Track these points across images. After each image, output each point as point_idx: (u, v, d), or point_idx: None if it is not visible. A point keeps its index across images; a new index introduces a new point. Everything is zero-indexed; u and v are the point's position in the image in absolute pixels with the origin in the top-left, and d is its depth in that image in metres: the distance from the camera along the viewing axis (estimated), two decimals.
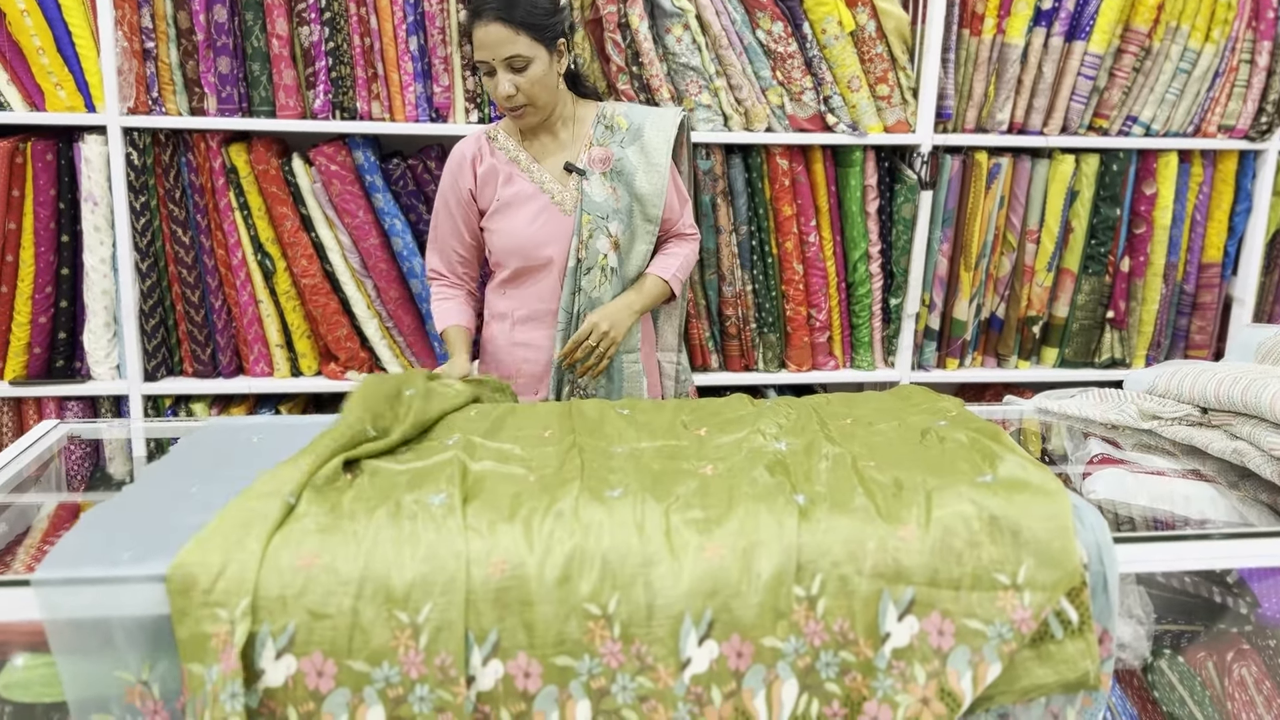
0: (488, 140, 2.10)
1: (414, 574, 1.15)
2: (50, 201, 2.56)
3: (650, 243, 2.15)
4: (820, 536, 1.21)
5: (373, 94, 2.63)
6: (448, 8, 2.60)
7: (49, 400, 2.71)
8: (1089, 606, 1.22)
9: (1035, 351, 3.09)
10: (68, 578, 1.11)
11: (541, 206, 2.06)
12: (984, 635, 1.19)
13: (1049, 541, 1.22)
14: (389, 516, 1.22)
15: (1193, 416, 1.70)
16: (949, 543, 1.22)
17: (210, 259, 2.67)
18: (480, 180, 2.08)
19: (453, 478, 1.32)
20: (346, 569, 1.15)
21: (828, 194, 2.82)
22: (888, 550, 1.21)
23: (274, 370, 2.77)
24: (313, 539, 1.18)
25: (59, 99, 2.53)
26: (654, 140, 2.12)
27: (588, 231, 2.06)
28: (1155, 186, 2.95)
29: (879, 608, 1.19)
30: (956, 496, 1.26)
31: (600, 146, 2.11)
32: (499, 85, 1.94)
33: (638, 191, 2.10)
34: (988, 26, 2.77)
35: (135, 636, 1.12)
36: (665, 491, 1.29)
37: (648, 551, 1.19)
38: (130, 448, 1.91)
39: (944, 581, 1.21)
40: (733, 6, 2.66)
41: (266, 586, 1.13)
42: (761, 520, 1.23)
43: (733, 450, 1.45)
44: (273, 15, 2.53)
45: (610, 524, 1.21)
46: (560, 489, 1.29)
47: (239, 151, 2.60)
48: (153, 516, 1.30)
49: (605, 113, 2.14)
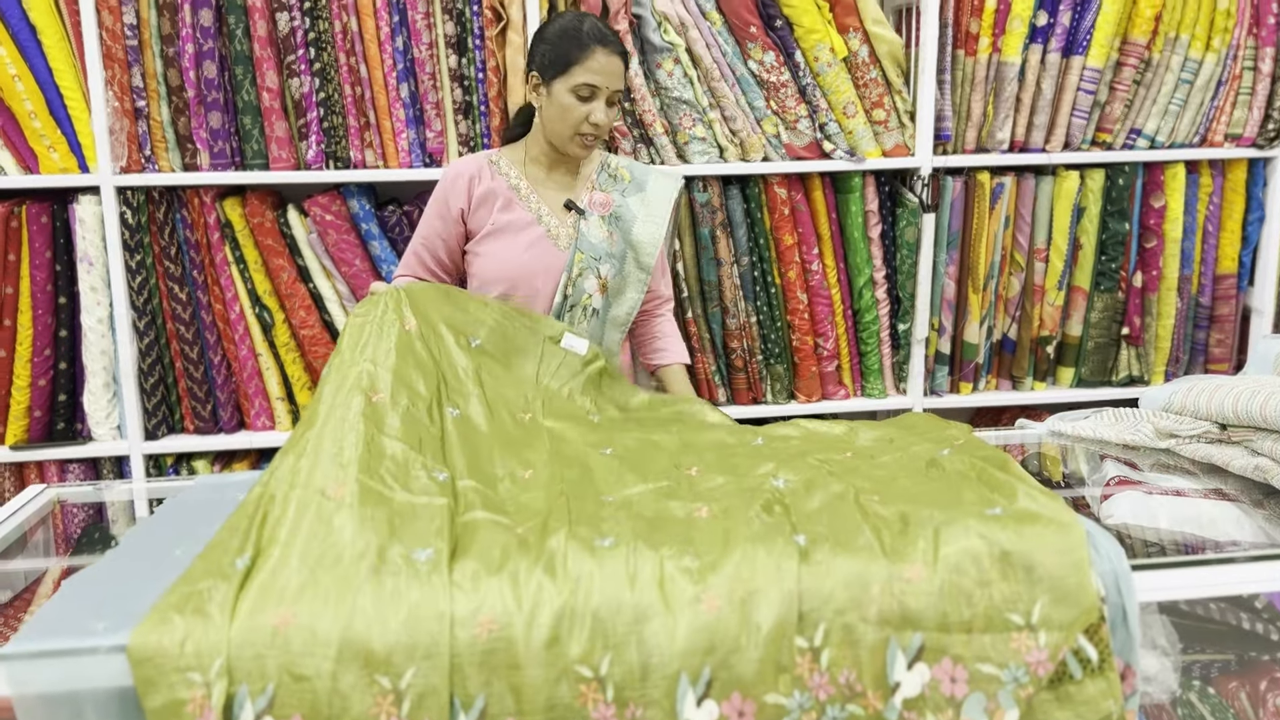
0: (489, 164, 2.08)
1: (396, 637, 1.10)
2: (47, 264, 2.56)
3: (641, 292, 2.14)
4: (822, 581, 1.16)
5: (365, 142, 2.62)
6: (437, 54, 2.59)
7: (50, 464, 2.69)
8: (1109, 643, 1.15)
9: (1051, 372, 3.02)
10: (34, 650, 1.07)
11: (536, 237, 2.04)
12: (999, 680, 1.13)
13: (1064, 577, 1.16)
14: (371, 571, 1.17)
15: (1212, 433, 1.64)
16: (958, 582, 1.16)
17: (208, 314, 2.65)
18: (475, 201, 2.05)
19: (441, 530, 1.26)
20: (325, 629, 1.10)
21: (829, 221, 2.78)
22: (893, 594, 1.15)
23: (275, 424, 2.74)
24: (290, 595, 1.13)
25: (52, 161, 2.53)
26: (656, 194, 2.14)
27: (578, 270, 2.03)
28: (1164, 199, 2.90)
29: (886, 656, 1.13)
30: (965, 531, 1.20)
31: (602, 192, 2.11)
32: (596, 112, 1.95)
33: (634, 238, 2.10)
34: (983, 46, 2.74)
35: (108, 710, 1.08)
36: (658, 538, 1.24)
37: (640, 606, 1.13)
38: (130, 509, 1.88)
39: (954, 624, 1.15)
40: (723, 39, 2.64)
41: (242, 645, 1.08)
42: (759, 565, 1.17)
43: (728, 489, 1.39)
44: (263, 69, 2.53)
45: (601, 576, 1.16)
46: (548, 539, 1.24)
47: (233, 205, 2.59)
48: (133, 583, 1.26)
49: (609, 163, 2.15)
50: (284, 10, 2.50)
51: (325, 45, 2.55)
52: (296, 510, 1.26)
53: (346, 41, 2.55)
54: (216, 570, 1.17)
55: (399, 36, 2.56)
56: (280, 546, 1.21)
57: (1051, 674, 1.14)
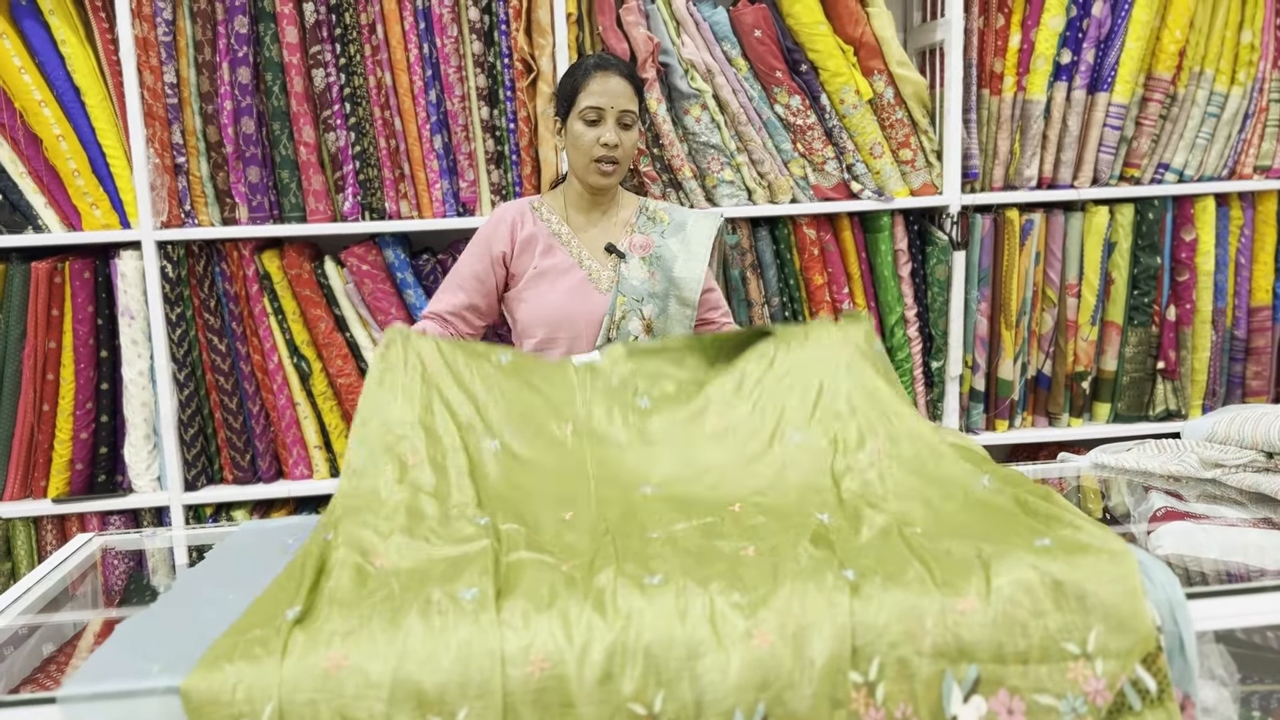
0: (531, 210, 2.11)
1: (448, 676, 1.10)
2: (89, 319, 2.60)
3: (688, 327, 2.14)
4: (874, 614, 1.15)
5: (400, 193, 2.67)
6: (469, 105, 2.64)
7: (92, 516, 2.71)
8: (1167, 673, 1.14)
9: (1087, 408, 3.00)
10: (92, 693, 1.08)
11: (578, 281, 2.06)
12: (1056, 711, 1.12)
13: (1117, 604, 1.14)
14: (419, 615, 1.18)
15: (1258, 462, 1.62)
16: (1012, 613, 1.15)
17: (246, 365, 2.68)
18: (519, 246, 2.08)
19: (486, 570, 1.27)
20: (377, 671, 1.10)
21: (858, 260, 2.79)
22: (947, 626, 1.14)
23: (313, 472, 2.76)
24: (339, 640, 1.13)
25: (95, 218, 2.59)
26: (696, 234, 2.16)
27: (621, 313, 2.05)
28: (1194, 232, 2.89)
29: (942, 688, 1.12)
30: (1016, 563, 1.19)
31: (642, 234, 2.13)
32: (605, 134, 1.98)
33: (675, 276, 2.11)
34: (1007, 85, 2.76)
35: None
36: (706, 574, 1.23)
37: (692, 642, 1.13)
38: (170, 557, 1.89)
39: (1010, 655, 1.13)
40: (749, 84, 2.68)
41: (294, 690, 1.08)
42: (810, 599, 1.16)
43: (771, 527, 1.39)
44: (299, 124, 2.58)
45: (651, 613, 1.15)
46: (595, 576, 1.24)
47: (271, 258, 2.63)
48: (185, 626, 1.27)
49: (648, 206, 2.18)
50: (320, 67, 2.56)
51: (360, 100, 2.60)
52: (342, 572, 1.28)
53: (381, 96, 2.61)
54: (268, 619, 1.18)
55: (432, 90, 2.61)
56: (327, 602, 1.23)
57: (1110, 704, 1.12)
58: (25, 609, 1.48)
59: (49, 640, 1.46)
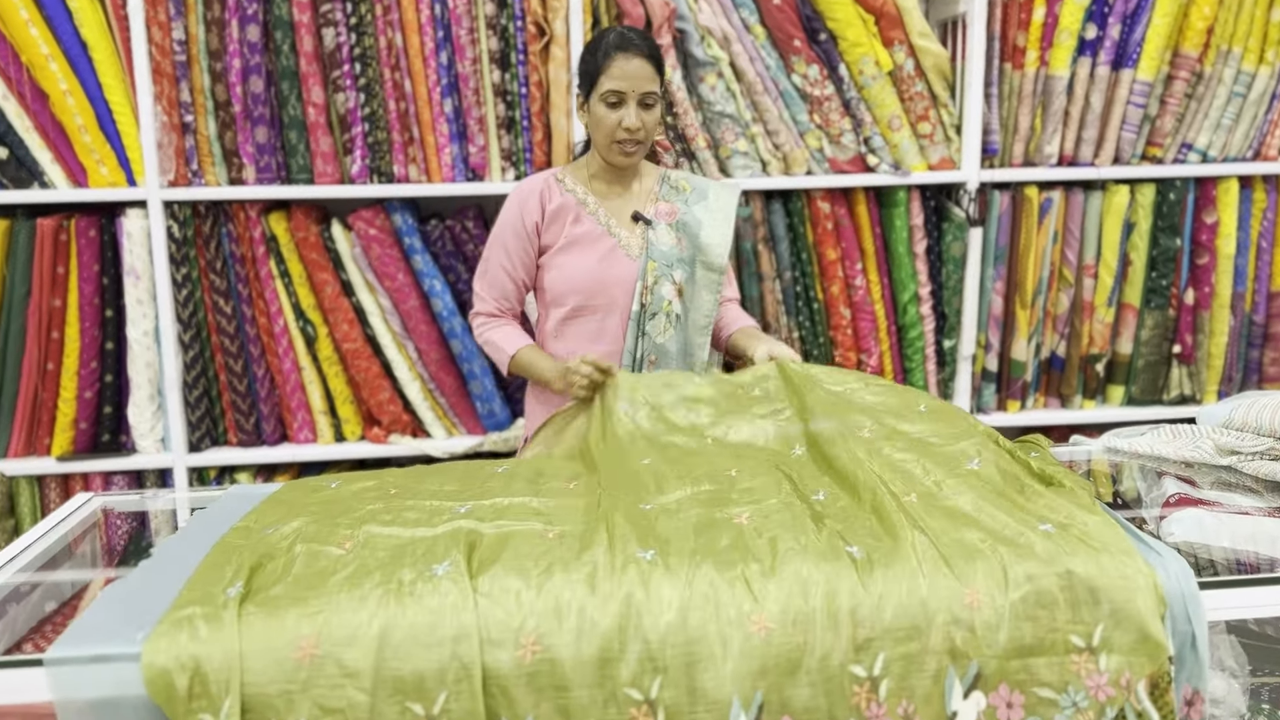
0: (555, 180, 2.10)
1: (424, 660, 1.06)
2: (94, 277, 2.59)
3: (715, 293, 2.13)
4: (880, 610, 1.11)
5: (409, 157, 2.63)
6: (480, 69, 2.60)
7: (95, 476, 2.71)
8: (1174, 708, 1.11)
9: (1100, 391, 2.96)
10: (78, 656, 1.06)
11: (609, 248, 2.06)
12: (1056, 705, 1.09)
13: (1129, 601, 1.12)
14: (390, 594, 1.12)
15: (1276, 450, 1.59)
16: (1019, 606, 1.12)
17: (252, 328, 2.67)
18: (549, 216, 2.08)
19: (456, 539, 1.22)
20: (350, 657, 1.07)
21: (873, 236, 2.75)
22: (954, 619, 1.11)
23: (318, 437, 2.75)
24: (305, 624, 1.08)
25: (101, 175, 2.56)
26: (719, 201, 2.16)
27: (653, 278, 2.05)
28: (1216, 214, 2.84)
29: (945, 684, 1.09)
30: (1024, 554, 1.16)
31: (666, 202, 2.13)
32: (628, 116, 1.97)
33: (702, 242, 2.11)
34: (1030, 59, 2.70)
35: (147, 716, 1.06)
36: (705, 551, 1.20)
37: (690, 625, 1.10)
38: (173, 519, 1.87)
39: (1014, 649, 1.11)
40: (766, 52, 2.63)
41: (260, 680, 1.05)
42: (811, 584, 1.13)
43: (766, 493, 1.36)
44: (308, 84, 2.55)
45: (647, 593, 1.12)
46: (588, 551, 1.20)
47: (278, 220, 2.61)
48: (168, 591, 1.25)
49: (670, 176, 2.17)
50: (330, 26, 2.52)
51: (370, 61, 2.56)
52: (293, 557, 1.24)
53: (391, 57, 2.57)
54: (206, 598, 1.13)
55: (443, 52, 2.57)
56: (277, 581, 1.18)
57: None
58: (23, 567, 1.47)
59: (50, 599, 1.45)
